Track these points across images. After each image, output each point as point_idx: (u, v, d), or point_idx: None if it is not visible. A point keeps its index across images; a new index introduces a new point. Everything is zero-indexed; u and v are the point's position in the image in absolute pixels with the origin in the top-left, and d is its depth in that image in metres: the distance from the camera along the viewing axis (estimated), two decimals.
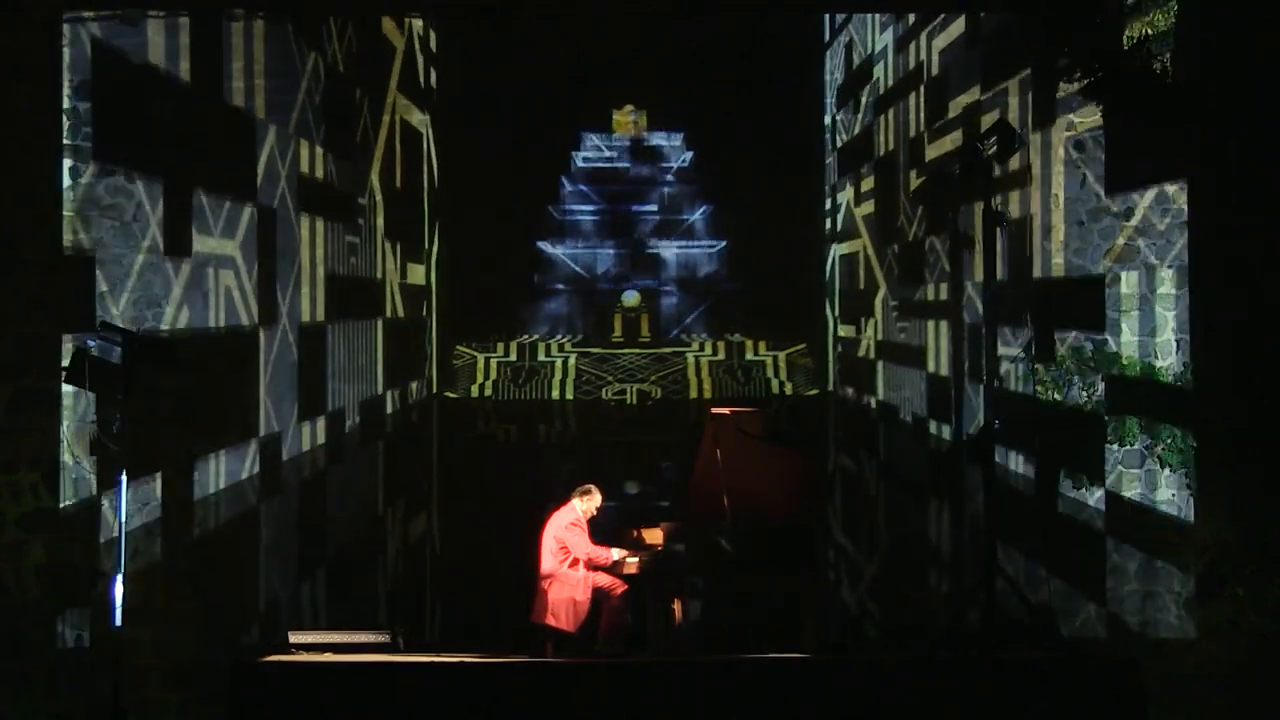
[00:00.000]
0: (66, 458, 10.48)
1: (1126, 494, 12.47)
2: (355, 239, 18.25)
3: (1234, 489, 9.74)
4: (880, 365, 21.23)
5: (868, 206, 22.40)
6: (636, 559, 8.87)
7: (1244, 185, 9.72)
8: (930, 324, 19.34)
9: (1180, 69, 9.05)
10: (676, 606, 8.87)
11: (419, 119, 24.22)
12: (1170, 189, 11.65)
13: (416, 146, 24.18)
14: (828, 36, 26.88)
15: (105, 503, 10.18)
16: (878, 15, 20.23)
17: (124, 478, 7.73)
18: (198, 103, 12.33)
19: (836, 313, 25.63)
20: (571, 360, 27.77)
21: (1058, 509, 12.89)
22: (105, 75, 10.79)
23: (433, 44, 25.86)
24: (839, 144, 25.02)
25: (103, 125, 10.68)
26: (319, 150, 16.12)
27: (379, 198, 20.29)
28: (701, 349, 28.18)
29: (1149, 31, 8.81)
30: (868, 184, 22.70)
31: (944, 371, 17.57)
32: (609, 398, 26.84)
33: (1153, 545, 11.60)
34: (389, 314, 20.68)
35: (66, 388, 10.08)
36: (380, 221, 20.34)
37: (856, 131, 23.72)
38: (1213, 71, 8.92)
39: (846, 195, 24.39)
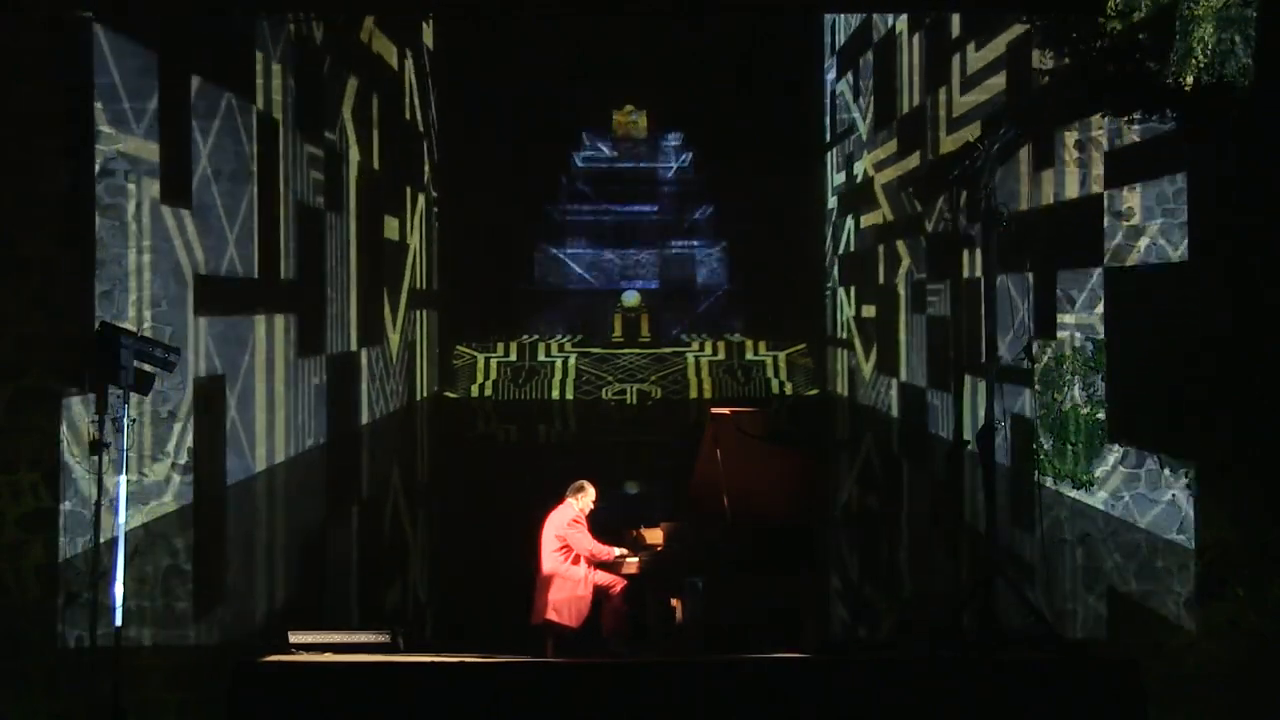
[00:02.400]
0: (67, 458, 10.48)
1: (1127, 494, 12.49)
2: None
3: (1234, 490, 9.75)
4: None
5: (889, 173, 21.72)
6: (636, 559, 8.87)
7: (1244, 185, 9.72)
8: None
9: (1182, 69, 9.04)
10: (676, 606, 8.87)
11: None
12: (1170, 189, 11.67)
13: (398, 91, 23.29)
14: (828, 36, 26.90)
15: (105, 503, 10.17)
16: None
17: (124, 478, 7.73)
18: None
19: (850, 293, 24.81)
20: (571, 360, 27.80)
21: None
22: None
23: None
24: (854, 115, 24.34)
25: None
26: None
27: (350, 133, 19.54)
28: (701, 349, 28.22)
29: (1144, 36, 8.82)
30: (888, 149, 21.82)
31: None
32: (609, 398, 26.87)
33: (1153, 545, 11.60)
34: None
35: (66, 387, 10.09)
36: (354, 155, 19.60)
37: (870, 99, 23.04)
38: (1213, 72, 8.92)
39: (864, 164, 23.52)
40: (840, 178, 25.91)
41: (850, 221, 24.97)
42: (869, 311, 23.29)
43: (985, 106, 16.31)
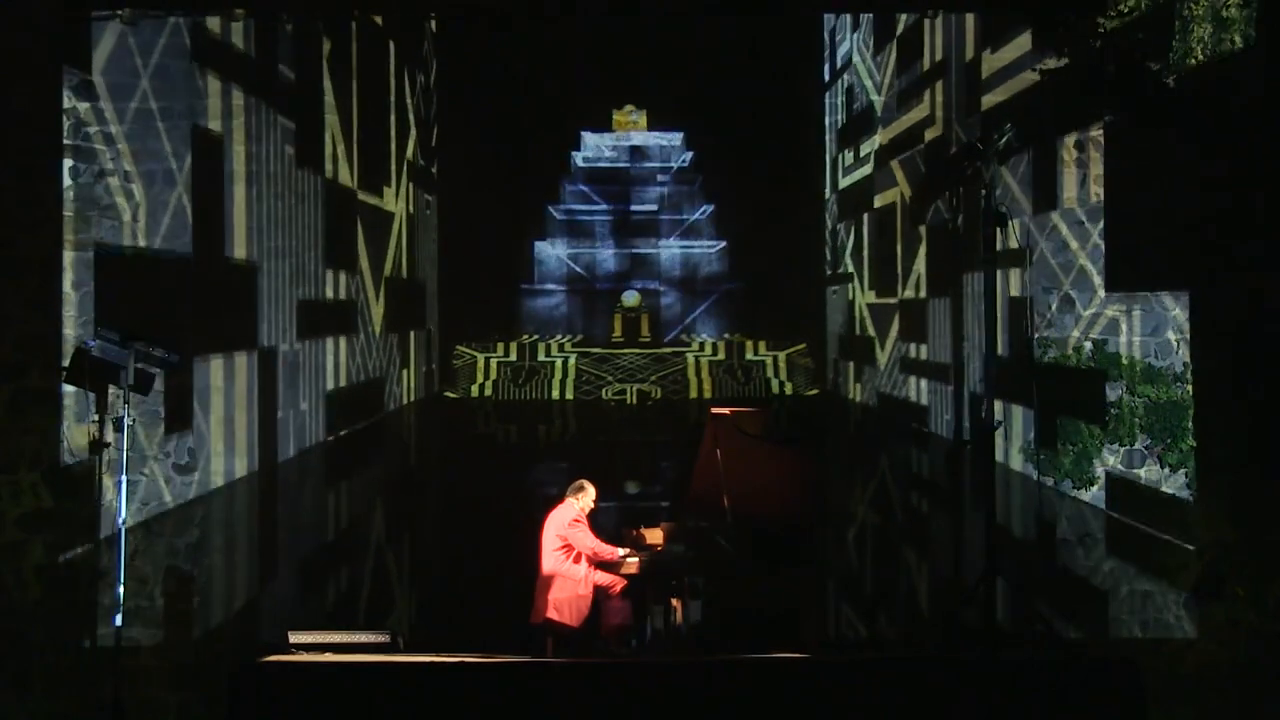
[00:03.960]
0: (66, 458, 10.48)
1: (1127, 494, 12.48)
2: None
3: (1234, 489, 9.75)
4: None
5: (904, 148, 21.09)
6: (637, 559, 8.88)
7: (1244, 185, 9.72)
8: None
9: (1182, 69, 9.05)
10: (676, 606, 8.87)
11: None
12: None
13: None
14: (828, 36, 26.90)
15: (105, 502, 10.18)
16: None
17: (124, 478, 7.73)
18: None
19: (864, 278, 24.43)
20: (571, 360, 27.80)
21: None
22: None
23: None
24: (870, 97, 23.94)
25: None
26: None
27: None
28: (701, 349, 28.22)
29: (1141, 35, 8.82)
30: (909, 118, 20.99)
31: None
32: (609, 398, 26.87)
33: (1153, 545, 11.60)
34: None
35: (67, 387, 10.09)
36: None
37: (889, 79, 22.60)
38: (1215, 73, 8.92)
39: (874, 145, 23.04)
40: (849, 157, 25.38)
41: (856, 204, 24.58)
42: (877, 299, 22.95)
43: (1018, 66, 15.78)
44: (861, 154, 24.25)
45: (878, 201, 23.00)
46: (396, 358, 22.96)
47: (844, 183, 25.94)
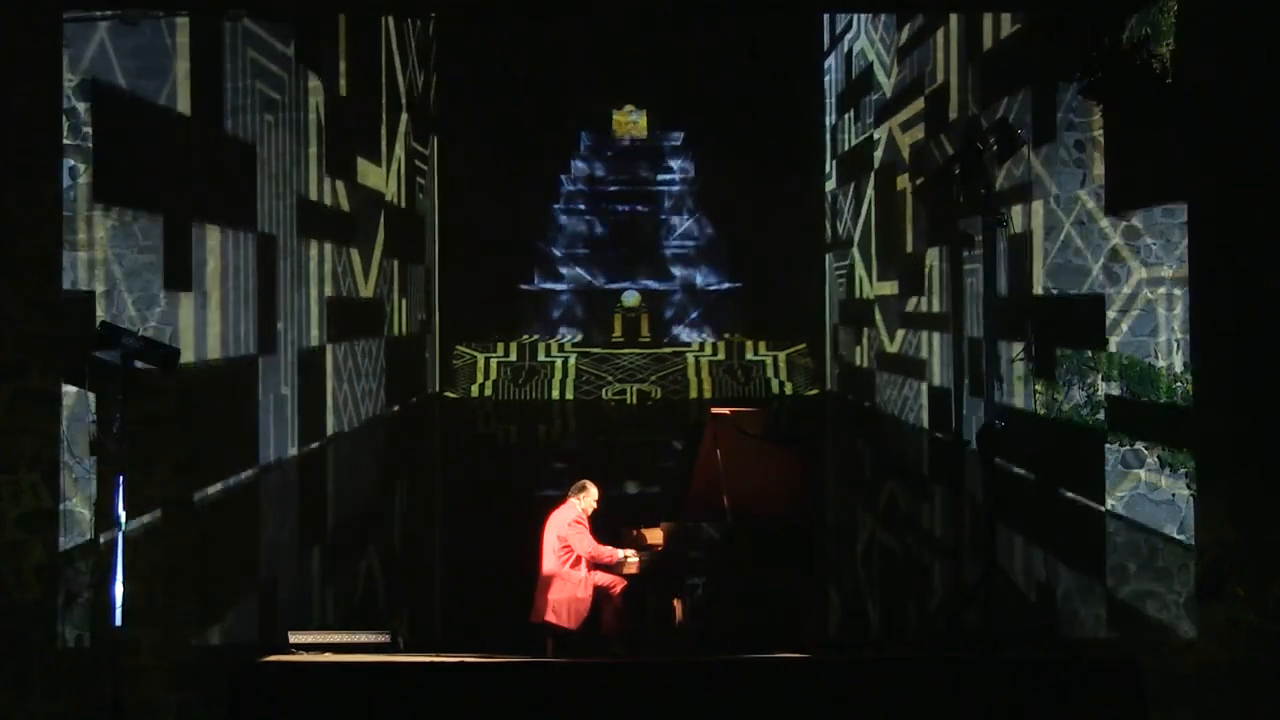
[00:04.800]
0: (66, 457, 10.48)
1: (1126, 494, 12.48)
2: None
3: (1234, 490, 9.75)
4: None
5: (917, 133, 20.23)
6: (637, 559, 8.87)
7: (1245, 186, 9.72)
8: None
9: (1182, 69, 9.04)
10: (676, 606, 8.87)
11: None
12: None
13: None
14: (827, 35, 26.87)
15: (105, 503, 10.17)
16: None
17: (124, 477, 7.73)
18: None
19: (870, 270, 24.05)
20: (571, 360, 27.75)
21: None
22: None
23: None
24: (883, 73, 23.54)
25: None
26: None
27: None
28: (701, 349, 28.18)
29: (1148, 31, 8.81)
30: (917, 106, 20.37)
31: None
32: (609, 398, 26.82)
33: (1153, 545, 11.59)
34: None
35: (67, 388, 10.09)
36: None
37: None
38: (1213, 72, 8.92)
39: (886, 128, 22.79)
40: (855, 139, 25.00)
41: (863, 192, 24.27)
42: (887, 288, 22.57)
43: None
44: (862, 115, 24.13)
45: (877, 162, 22.91)
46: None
47: (844, 148, 25.84)
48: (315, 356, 17.32)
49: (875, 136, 23.23)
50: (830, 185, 27.16)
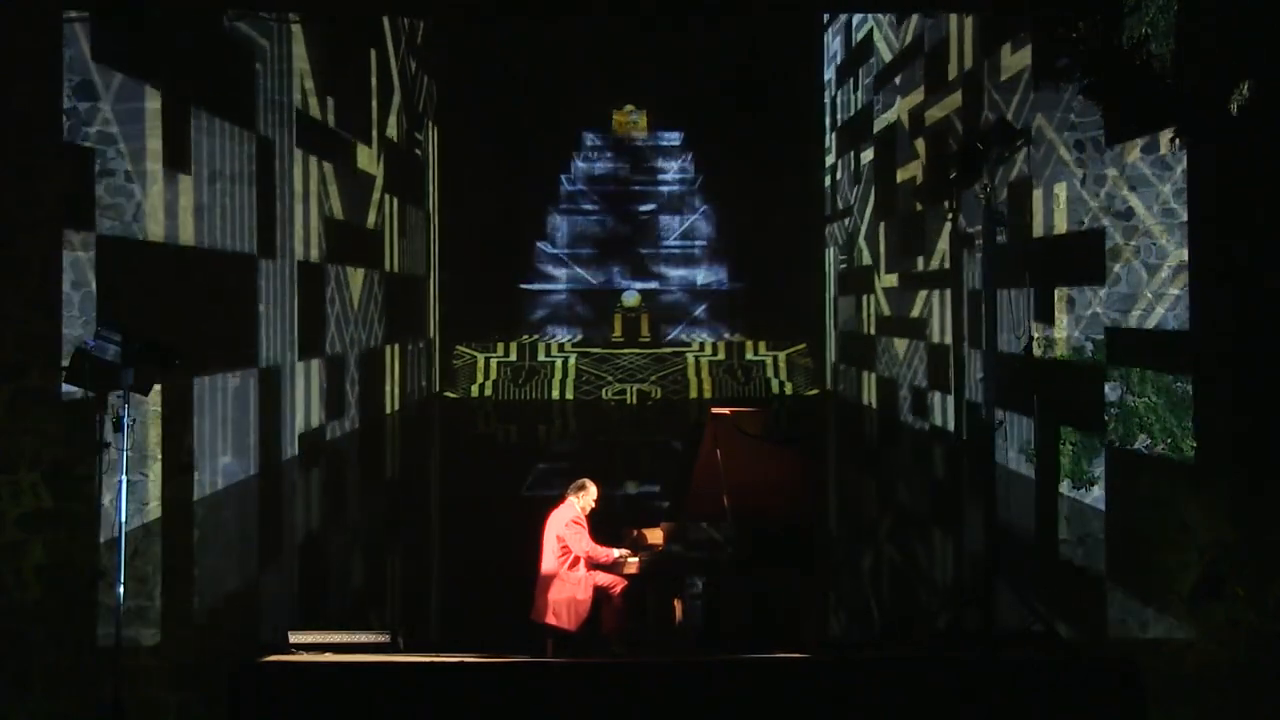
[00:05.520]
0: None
1: (1126, 494, 12.48)
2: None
3: (1234, 490, 9.75)
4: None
5: (917, 96, 20.02)
6: (637, 559, 8.87)
7: (1245, 186, 9.72)
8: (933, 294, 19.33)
9: (1182, 69, 9.03)
10: (676, 606, 8.87)
11: None
12: (1170, 190, 11.67)
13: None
14: (828, 37, 26.90)
15: (105, 503, 10.18)
16: None
17: (124, 477, 7.73)
18: None
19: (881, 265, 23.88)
20: (571, 360, 27.79)
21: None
22: None
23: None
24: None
25: None
26: None
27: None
28: (701, 349, 28.21)
29: (1148, 31, 8.81)
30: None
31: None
32: (609, 398, 26.86)
33: (1152, 545, 11.60)
34: None
35: (67, 387, 10.08)
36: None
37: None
38: (1213, 70, 8.91)
39: (896, 111, 22.13)
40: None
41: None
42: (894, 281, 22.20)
43: None
44: (861, 82, 24.05)
45: (877, 126, 22.85)
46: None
47: (843, 117, 25.78)
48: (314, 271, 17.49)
49: (874, 101, 23.20)
50: (830, 159, 27.16)
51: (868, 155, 23.67)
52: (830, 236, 27.00)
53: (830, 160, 27.08)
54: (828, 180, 27.19)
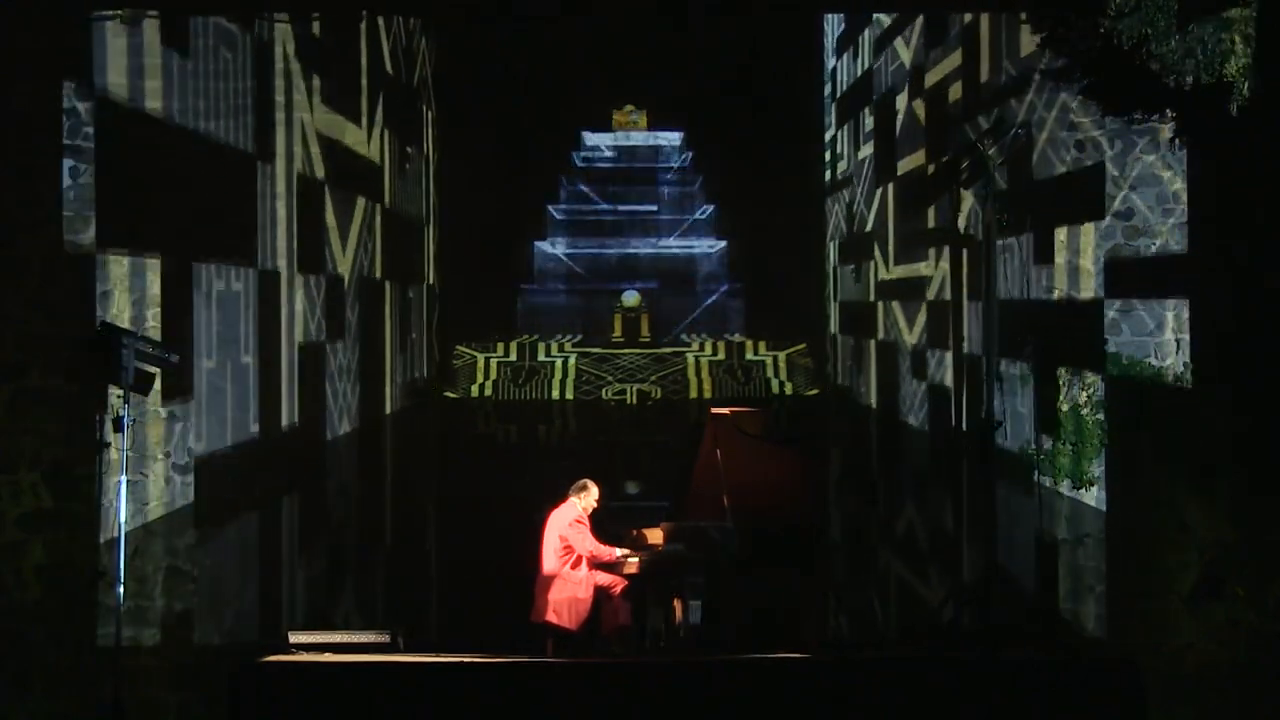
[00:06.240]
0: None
1: (1126, 494, 12.48)
2: None
3: (1234, 490, 9.75)
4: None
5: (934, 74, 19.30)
6: (637, 559, 8.87)
7: (1245, 186, 9.72)
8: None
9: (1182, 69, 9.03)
10: (676, 606, 8.87)
11: None
12: (1171, 189, 11.67)
13: None
14: (828, 37, 26.90)
15: (105, 503, 10.19)
16: None
17: (124, 477, 7.73)
18: None
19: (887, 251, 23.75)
20: (571, 360, 27.80)
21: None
22: None
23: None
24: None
25: None
26: None
27: None
28: (701, 349, 28.22)
29: (1148, 31, 8.81)
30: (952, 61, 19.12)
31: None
32: (609, 398, 26.86)
33: (1153, 545, 11.60)
34: None
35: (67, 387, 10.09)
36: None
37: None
38: (1213, 72, 8.92)
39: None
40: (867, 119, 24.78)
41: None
42: (903, 272, 21.84)
43: None
44: (860, 50, 24.02)
45: (877, 91, 22.85)
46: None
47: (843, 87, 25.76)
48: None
49: (874, 65, 23.16)
50: (830, 132, 27.13)
51: (869, 122, 23.66)
52: (832, 204, 26.97)
53: (831, 133, 27.06)
54: (828, 155, 27.18)
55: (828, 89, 27.09)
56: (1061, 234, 12.98)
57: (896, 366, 21.24)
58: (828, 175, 27.14)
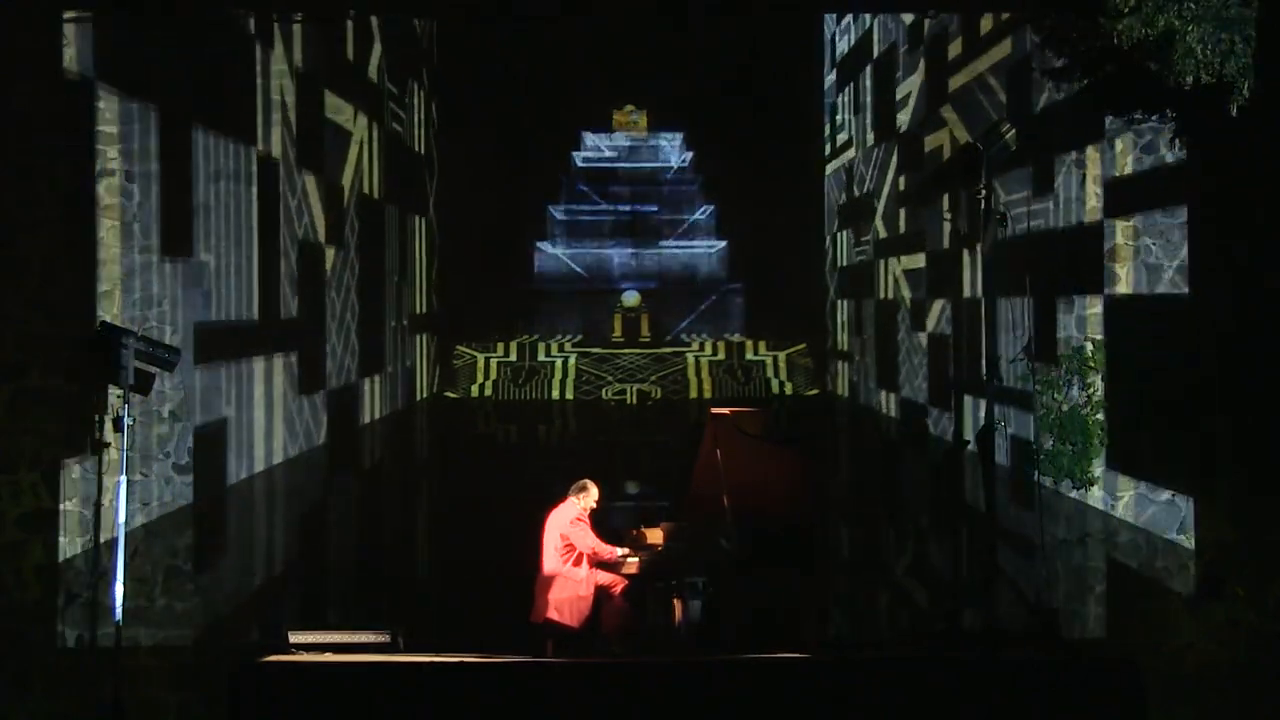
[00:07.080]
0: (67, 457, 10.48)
1: (1126, 494, 12.49)
2: None
3: (1234, 490, 9.75)
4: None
5: (958, 80, 18.95)
6: (637, 559, 8.87)
7: (1245, 186, 9.72)
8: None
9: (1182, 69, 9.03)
10: (676, 606, 8.87)
11: None
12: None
13: None
14: (828, 37, 26.91)
15: (105, 503, 10.18)
16: None
17: (124, 478, 7.73)
18: None
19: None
20: (571, 360, 27.80)
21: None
22: None
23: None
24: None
25: None
26: None
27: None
28: (701, 349, 28.22)
29: (1148, 31, 8.81)
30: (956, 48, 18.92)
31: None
32: (609, 398, 26.87)
33: (1153, 545, 11.60)
34: None
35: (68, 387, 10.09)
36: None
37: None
38: (1213, 72, 8.91)
39: (912, 85, 21.62)
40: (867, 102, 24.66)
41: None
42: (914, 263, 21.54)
43: None
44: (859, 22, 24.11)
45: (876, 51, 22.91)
46: None
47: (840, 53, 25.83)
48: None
49: (872, 24, 23.21)
50: (830, 98, 27.14)
51: (868, 81, 23.76)
52: (832, 174, 27.02)
53: (830, 99, 27.09)
54: (827, 126, 27.23)
55: (827, 54, 27.12)
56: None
57: (895, 326, 21.45)
58: (827, 149, 27.23)
